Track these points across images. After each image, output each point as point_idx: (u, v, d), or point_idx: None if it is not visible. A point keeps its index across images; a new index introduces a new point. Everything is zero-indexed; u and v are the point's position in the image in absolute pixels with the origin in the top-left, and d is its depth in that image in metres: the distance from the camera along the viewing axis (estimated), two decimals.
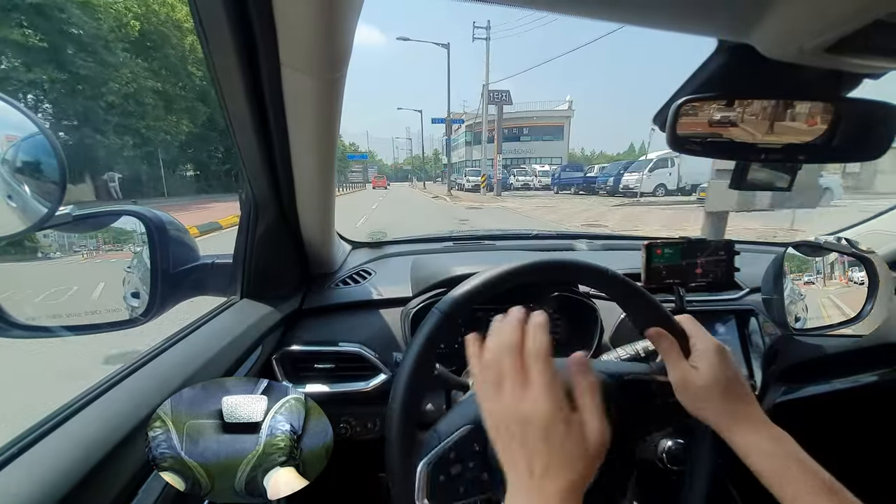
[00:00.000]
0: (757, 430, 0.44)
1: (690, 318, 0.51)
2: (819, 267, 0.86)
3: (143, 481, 0.45)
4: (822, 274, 0.86)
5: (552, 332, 0.40)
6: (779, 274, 0.81)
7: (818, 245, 0.85)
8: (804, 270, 0.85)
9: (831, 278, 0.86)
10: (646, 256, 0.88)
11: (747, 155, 0.45)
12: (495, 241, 1.36)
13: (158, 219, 0.64)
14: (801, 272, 0.85)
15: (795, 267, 0.84)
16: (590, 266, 0.51)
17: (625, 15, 0.36)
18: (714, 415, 0.46)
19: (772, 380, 0.92)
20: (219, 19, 0.46)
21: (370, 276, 1.02)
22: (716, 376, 0.45)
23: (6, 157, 0.41)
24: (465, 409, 0.50)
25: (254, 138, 0.61)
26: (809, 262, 0.86)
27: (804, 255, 0.85)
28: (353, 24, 0.46)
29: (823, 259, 0.86)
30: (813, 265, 0.86)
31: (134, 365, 0.54)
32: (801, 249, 0.84)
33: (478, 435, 0.48)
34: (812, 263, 0.86)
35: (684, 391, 0.47)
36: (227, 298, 0.80)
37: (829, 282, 0.86)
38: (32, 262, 0.55)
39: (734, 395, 0.46)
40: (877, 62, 0.35)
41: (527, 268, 0.50)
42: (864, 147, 0.43)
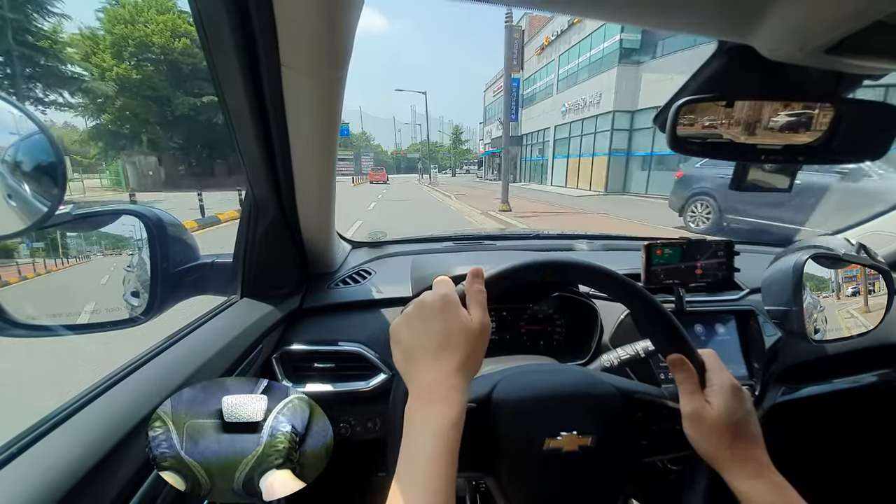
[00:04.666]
0: (760, 476, 0.43)
1: (712, 353, 0.51)
2: (837, 279, 0.85)
3: (143, 481, 0.45)
4: (841, 286, 0.85)
5: (552, 332, 0.41)
6: (798, 285, 0.79)
7: (837, 256, 0.84)
8: (824, 283, 0.84)
9: (849, 290, 0.85)
10: (646, 257, 0.88)
11: (747, 156, 0.45)
12: (495, 241, 1.36)
13: (158, 217, 0.64)
14: (822, 286, 0.84)
15: (815, 280, 0.83)
16: (616, 277, 0.50)
17: (626, 16, 0.36)
18: (719, 452, 0.45)
19: (772, 380, 0.92)
20: (219, 20, 0.46)
21: (370, 275, 1.02)
22: (728, 415, 0.45)
23: (6, 157, 0.41)
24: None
25: (254, 138, 0.61)
26: (828, 274, 0.85)
27: (823, 267, 0.84)
28: (353, 24, 0.46)
29: (842, 270, 0.85)
30: (832, 277, 0.85)
31: (134, 364, 0.54)
32: (819, 261, 0.83)
33: (476, 413, 0.50)
34: (831, 275, 0.85)
35: (693, 424, 0.47)
36: (227, 298, 0.80)
37: (847, 294, 0.85)
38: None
39: (742, 437, 0.45)
40: (877, 63, 0.35)
41: (543, 265, 0.50)
42: (863, 148, 0.43)
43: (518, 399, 0.53)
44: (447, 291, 0.44)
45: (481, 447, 0.50)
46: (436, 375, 0.40)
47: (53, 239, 0.56)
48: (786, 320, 0.82)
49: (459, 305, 0.44)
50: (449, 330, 0.42)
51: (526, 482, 0.51)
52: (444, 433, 0.37)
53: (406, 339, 0.43)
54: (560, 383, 0.55)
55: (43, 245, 0.55)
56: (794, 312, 0.79)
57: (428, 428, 0.37)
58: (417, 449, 0.36)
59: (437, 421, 0.37)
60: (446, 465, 0.35)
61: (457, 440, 0.38)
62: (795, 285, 0.80)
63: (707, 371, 0.49)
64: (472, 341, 0.42)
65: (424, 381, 0.40)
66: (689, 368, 0.48)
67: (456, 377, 0.40)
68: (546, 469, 0.50)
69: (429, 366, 0.41)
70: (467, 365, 0.42)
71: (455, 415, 0.38)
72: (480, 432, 0.50)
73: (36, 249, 0.54)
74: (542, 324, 0.99)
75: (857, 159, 0.44)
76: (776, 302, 0.83)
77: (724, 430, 0.45)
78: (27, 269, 0.53)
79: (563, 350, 0.97)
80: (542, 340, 0.99)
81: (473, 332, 0.43)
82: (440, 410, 0.38)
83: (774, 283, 0.85)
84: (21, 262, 0.52)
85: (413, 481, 0.35)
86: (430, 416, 0.38)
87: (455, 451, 0.37)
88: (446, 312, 0.43)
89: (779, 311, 0.83)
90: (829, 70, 0.37)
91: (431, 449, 0.36)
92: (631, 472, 0.54)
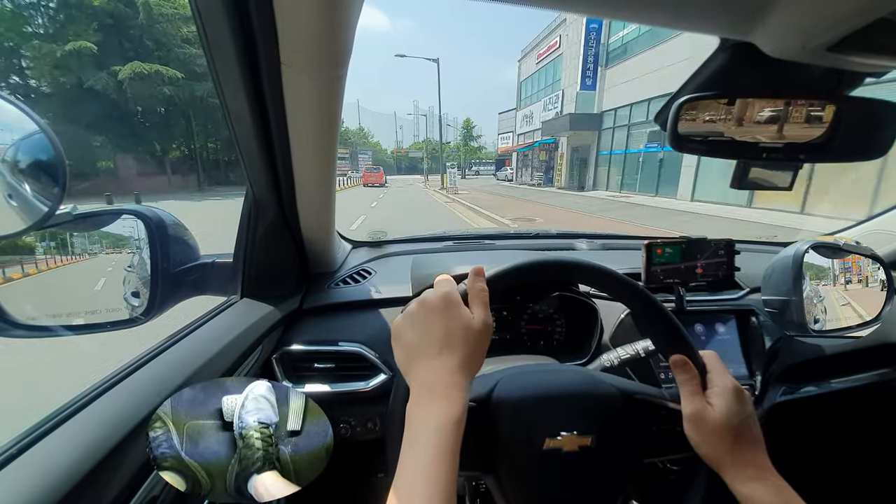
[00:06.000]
0: (761, 478, 0.43)
1: (713, 355, 0.51)
2: (838, 268, 0.85)
3: (143, 481, 0.45)
4: (841, 276, 0.85)
5: (552, 332, 0.41)
6: (798, 275, 0.80)
7: (837, 247, 0.84)
8: (824, 272, 0.84)
9: (849, 280, 0.85)
10: (646, 256, 0.88)
11: (748, 154, 0.45)
12: (495, 241, 1.36)
13: (158, 217, 0.64)
14: (821, 275, 0.84)
15: (815, 269, 0.83)
16: (618, 277, 0.50)
17: (628, 13, 0.36)
18: (719, 455, 0.45)
19: (772, 380, 0.92)
20: (219, 19, 0.46)
21: (370, 275, 1.02)
22: (729, 417, 0.45)
23: (6, 157, 0.40)
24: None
25: (254, 138, 0.61)
26: (828, 264, 0.85)
27: (823, 257, 0.84)
28: (353, 22, 0.46)
29: (841, 261, 0.86)
30: (832, 267, 0.85)
31: (134, 365, 0.54)
32: (819, 251, 0.83)
33: (476, 413, 0.49)
34: (831, 265, 0.85)
35: (695, 425, 0.47)
36: (227, 298, 0.80)
37: (847, 284, 0.85)
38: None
39: (743, 440, 0.45)
40: (879, 61, 0.35)
41: (544, 264, 0.49)
42: (865, 146, 0.43)
43: (518, 399, 0.53)
44: (449, 290, 0.44)
45: (481, 446, 0.50)
46: (437, 374, 0.40)
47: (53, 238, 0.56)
48: (785, 311, 0.82)
49: (461, 304, 0.44)
50: (450, 328, 0.42)
51: (526, 482, 0.51)
52: (446, 431, 0.37)
53: (408, 337, 0.43)
54: (560, 383, 0.55)
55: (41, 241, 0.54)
56: (793, 303, 0.80)
57: (429, 426, 0.37)
58: (419, 447, 0.36)
59: (438, 419, 0.37)
60: (447, 463, 0.35)
61: (458, 439, 0.37)
62: (795, 275, 0.80)
63: (709, 373, 0.49)
64: (473, 340, 0.42)
65: (426, 379, 0.40)
66: (692, 370, 0.48)
67: (457, 376, 0.40)
68: (546, 469, 0.50)
69: (430, 364, 0.41)
70: (469, 363, 0.42)
71: (456, 413, 0.38)
72: (480, 432, 0.50)
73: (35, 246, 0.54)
74: (542, 323, 0.99)
75: (859, 157, 0.44)
76: (776, 292, 0.83)
77: (725, 432, 0.45)
78: (19, 267, 0.52)
79: (564, 350, 0.97)
80: (543, 340, 0.99)
81: (475, 331, 0.42)
82: (442, 409, 0.38)
83: (775, 272, 0.85)
84: (20, 261, 0.52)
85: (414, 479, 0.35)
86: (431, 415, 0.38)
87: (456, 450, 0.37)
88: (448, 311, 0.43)
89: (778, 301, 0.83)
90: (831, 68, 0.37)
91: (433, 447, 0.36)
92: (631, 472, 0.54)
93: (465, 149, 25.49)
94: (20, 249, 0.52)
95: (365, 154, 55.45)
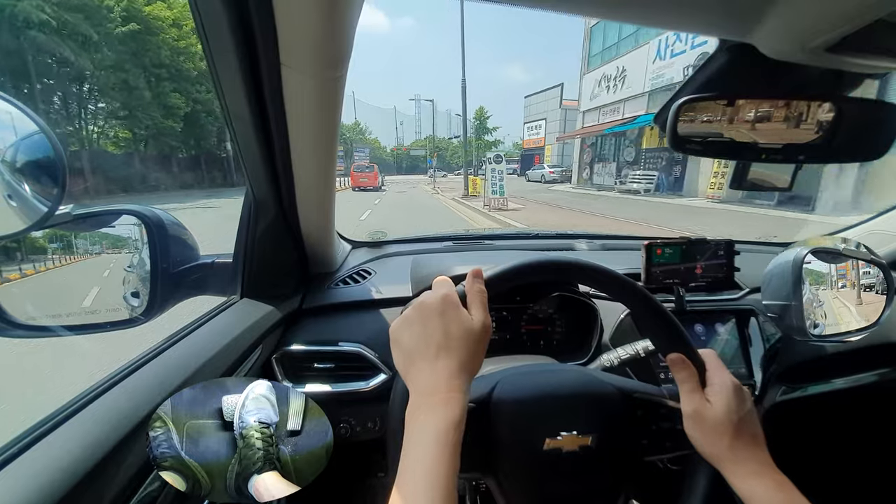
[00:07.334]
0: (761, 474, 0.43)
1: (712, 352, 0.51)
2: (837, 273, 0.85)
3: (143, 481, 0.45)
4: (840, 280, 0.85)
5: (552, 332, 0.41)
6: (798, 280, 0.79)
7: (837, 251, 0.84)
8: (824, 277, 0.84)
9: (849, 284, 0.85)
10: (646, 256, 0.88)
11: (748, 155, 0.45)
12: (495, 241, 1.36)
13: (158, 217, 0.64)
14: (821, 279, 0.84)
15: (814, 274, 0.83)
16: (617, 277, 0.50)
17: (627, 14, 0.36)
18: (720, 452, 0.45)
19: (772, 380, 0.92)
20: (219, 19, 0.46)
21: (370, 275, 1.02)
22: (729, 414, 0.45)
23: (6, 157, 0.40)
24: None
25: (254, 138, 0.61)
26: (828, 269, 0.85)
27: (822, 261, 0.84)
28: (353, 23, 0.46)
29: (841, 265, 0.85)
30: (831, 271, 0.85)
31: (134, 364, 0.54)
32: (819, 255, 0.83)
33: (476, 414, 0.49)
34: (831, 269, 0.85)
35: (694, 423, 0.47)
36: (227, 298, 0.80)
37: (847, 289, 0.84)
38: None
39: (743, 436, 0.45)
40: (879, 62, 0.35)
41: (543, 265, 0.49)
42: (865, 147, 0.43)
43: (518, 399, 0.53)
44: (447, 291, 0.44)
45: (481, 447, 0.50)
46: (436, 377, 0.40)
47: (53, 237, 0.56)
48: (785, 315, 0.81)
49: (459, 306, 0.44)
50: (449, 330, 0.42)
51: (526, 482, 0.51)
52: (446, 434, 0.37)
53: (406, 340, 0.43)
54: (560, 383, 0.55)
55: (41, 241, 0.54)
56: (793, 307, 0.79)
57: (429, 429, 0.37)
58: (419, 450, 0.36)
59: (438, 422, 0.37)
60: (448, 466, 0.35)
61: (458, 441, 0.37)
62: (795, 280, 0.79)
63: (707, 370, 0.49)
64: (472, 342, 0.42)
65: (425, 382, 0.40)
66: (690, 368, 0.48)
67: (457, 378, 0.40)
68: (546, 469, 0.50)
69: (429, 367, 0.41)
70: (468, 365, 0.42)
71: (456, 416, 0.38)
72: (480, 433, 0.50)
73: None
74: (542, 324, 0.99)
75: (858, 158, 0.44)
76: (775, 297, 0.83)
77: (725, 429, 0.45)
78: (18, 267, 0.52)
79: (563, 350, 0.97)
80: (542, 340, 0.99)
81: (474, 333, 0.42)
82: (441, 412, 0.38)
83: (774, 277, 0.84)
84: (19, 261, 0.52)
85: (415, 483, 0.35)
86: (431, 418, 0.38)
87: (456, 452, 0.37)
88: (446, 313, 0.42)
89: (778, 306, 0.82)
90: (830, 69, 0.37)
91: (433, 450, 0.36)
92: (631, 471, 0.54)
93: (477, 143, 21.55)
94: (20, 249, 0.52)
95: (362, 151, 47.78)
